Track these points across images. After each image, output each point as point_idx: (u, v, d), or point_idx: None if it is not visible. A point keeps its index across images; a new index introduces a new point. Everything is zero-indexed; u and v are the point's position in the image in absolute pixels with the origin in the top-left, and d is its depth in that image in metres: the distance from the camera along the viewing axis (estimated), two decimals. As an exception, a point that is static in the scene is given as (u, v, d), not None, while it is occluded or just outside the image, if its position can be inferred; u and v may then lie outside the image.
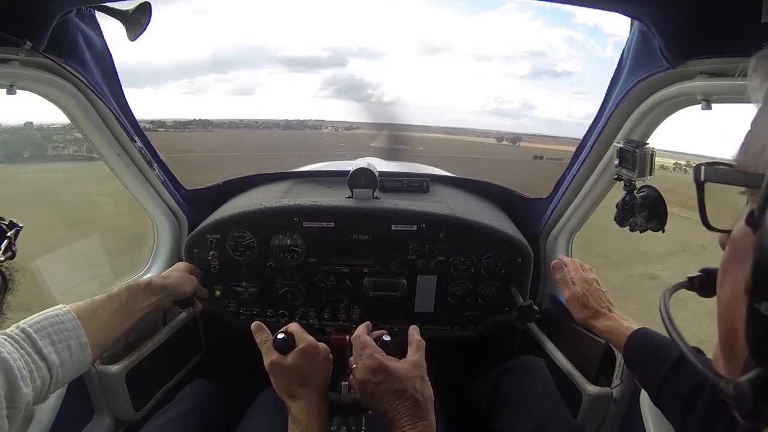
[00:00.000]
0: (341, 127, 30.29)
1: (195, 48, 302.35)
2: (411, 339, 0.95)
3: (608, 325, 1.11)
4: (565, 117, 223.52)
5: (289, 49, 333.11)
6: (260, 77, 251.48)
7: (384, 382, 0.83)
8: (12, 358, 0.75)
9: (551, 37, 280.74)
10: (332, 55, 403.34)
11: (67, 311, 0.91)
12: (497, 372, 1.29)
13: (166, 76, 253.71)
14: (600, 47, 33.15)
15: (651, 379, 0.95)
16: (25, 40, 0.89)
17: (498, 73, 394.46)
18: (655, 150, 0.98)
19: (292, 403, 0.86)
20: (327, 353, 0.93)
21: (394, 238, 1.42)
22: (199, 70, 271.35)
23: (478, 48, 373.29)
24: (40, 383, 0.80)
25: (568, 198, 1.47)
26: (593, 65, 33.73)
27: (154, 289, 1.12)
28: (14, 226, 0.73)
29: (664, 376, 0.91)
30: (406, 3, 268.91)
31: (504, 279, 1.43)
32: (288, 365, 0.87)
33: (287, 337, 0.90)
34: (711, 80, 0.89)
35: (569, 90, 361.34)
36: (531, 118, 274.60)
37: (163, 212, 1.54)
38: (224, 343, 1.58)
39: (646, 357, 0.99)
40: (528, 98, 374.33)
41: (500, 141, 37.08)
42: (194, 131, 22.97)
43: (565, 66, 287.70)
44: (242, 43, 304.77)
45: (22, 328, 0.82)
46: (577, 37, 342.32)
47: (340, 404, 0.95)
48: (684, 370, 0.89)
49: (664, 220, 1.00)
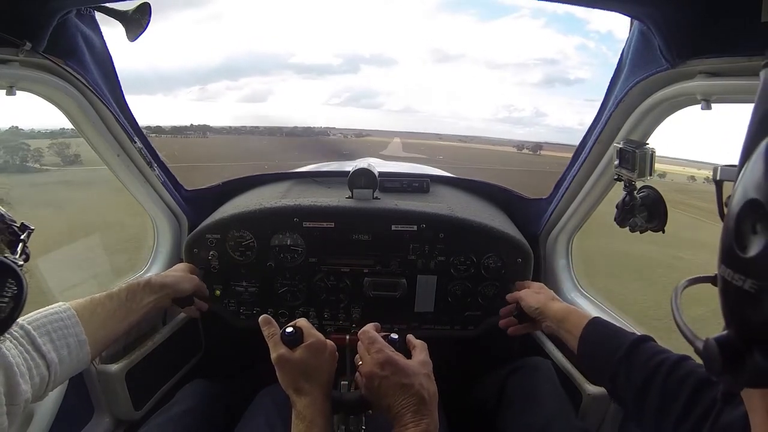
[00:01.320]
0: (351, 134, 30.19)
1: (207, 54, 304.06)
2: (413, 343, 0.96)
3: (564, 308, 1.15)
4: (577, 125, 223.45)
5: (302, 56, 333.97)
6: (272, 84, 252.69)
7: (392, 375, 0.83)
8: (11, 354, 0.75)
9: (564, 44, 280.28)
10: (344, 62, 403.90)
11: (67, 309, 0.92)
12: (504, 372, 1.29)
13: (178, 82, 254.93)
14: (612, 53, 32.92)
15: (604, 367, 0.95)
16: (24, 40, 0.89)
17: (510, 81, 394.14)
18: (654, 150, 0.98)
19: (297, 399, 0.85)
20: (334, 350, 0.94)
21: (394, 238, 1.42)
22: (211, 76, 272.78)
23: (490, 56, 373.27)
24: (39, 380, 0.81)
25: (568, 198, 1.47)
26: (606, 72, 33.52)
27: (153, 287, 1.12)
28: (26, 228, 0.72)
29: (618, 362, 0.92)
30: (418, 10, 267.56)
31: (504, 279, 1.43)
32: (296, 359, 0.87)
33: (296, 331, 0.91)
34: (711, 80, 0.88)
35: (581, 97, 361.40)
36: (543, 126, 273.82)
37: (163, 212, 1.55)
38: (224, 343, 1.58)
39: (600, 345, 1.00)
40: (539, 106, 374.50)
41: (520, 150, 36.90)
42: (189, 137, 22.83)
43: (577, 73, 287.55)
44: (254, 50, 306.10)
45: (21, 325, 0.82)
46: (590, 44, 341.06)
47: (341, 402, 0.95)
48: (638, 357, 0.90)
49: (664, 221, 1.00)
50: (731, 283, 0.36)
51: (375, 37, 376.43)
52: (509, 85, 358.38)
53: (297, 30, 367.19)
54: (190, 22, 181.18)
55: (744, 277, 0.34)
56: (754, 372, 0.34)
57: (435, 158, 25.33)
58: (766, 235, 0.33)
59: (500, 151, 36.29)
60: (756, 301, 0.34)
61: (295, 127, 30.81)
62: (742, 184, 0.37)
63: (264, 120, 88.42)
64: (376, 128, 39.07)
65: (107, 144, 1.27)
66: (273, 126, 33.07)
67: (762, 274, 0.33)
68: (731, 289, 0.36)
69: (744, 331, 0.35)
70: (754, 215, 0.34)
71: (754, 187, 0.35)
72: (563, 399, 1.17)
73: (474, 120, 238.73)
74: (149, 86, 62.36)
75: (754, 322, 0.34)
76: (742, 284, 0.34)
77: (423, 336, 1.51)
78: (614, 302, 1.48)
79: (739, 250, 0.35)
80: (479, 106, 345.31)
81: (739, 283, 0.35)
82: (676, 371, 0.82)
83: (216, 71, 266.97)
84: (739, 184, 0.37)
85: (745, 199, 0.36)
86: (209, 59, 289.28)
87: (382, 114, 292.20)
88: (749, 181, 0.36)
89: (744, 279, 0.34)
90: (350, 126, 59.13)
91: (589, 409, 1.17)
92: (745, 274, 0.34)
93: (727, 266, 0.36)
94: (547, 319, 1.18)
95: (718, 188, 0.50)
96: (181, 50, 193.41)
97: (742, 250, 0.35)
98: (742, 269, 0.35)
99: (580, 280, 1.59)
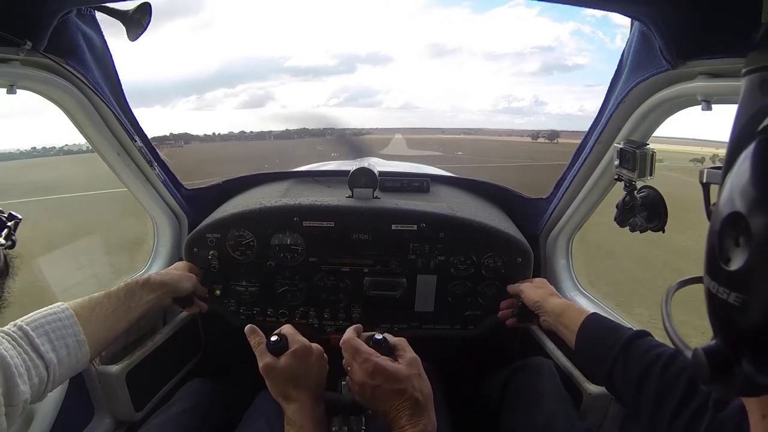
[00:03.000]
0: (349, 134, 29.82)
1: (203, 63, 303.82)
2: (392, 342, 0.91)
3: (562, 303, 1.16)
4: (577, 111, 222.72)
5: (297, 58, 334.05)
6: (269, 89, 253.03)
7: (383, 383, 0.82)
8: (9, 355, 0.75)
9: (560, 32, 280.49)
10: (340, 62, 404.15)
11: (65, 309, 0.91)
12: (507, 372, 1.30)
13: (175, 92, 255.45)
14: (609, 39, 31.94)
15: (602, 362, 0.96)
16: (25, 40, 0.90)
17: (508, 72, 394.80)
18: (655, 150, 0.98)
19: (286, 405, 0.85)
20: (321, 354, 0.92)
21: (395, 237, 1.42)
22: (208, 84, 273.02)
23: (487, 47, 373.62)
24: (38, 381, 0.80)
25: (568, 198, 1.47)
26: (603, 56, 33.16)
27: (152, 285, 1.12)
28: (14, 217, 0.73)
29: (615, 358, 0.92)
30: (412, 6, 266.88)
31: (504, 279, 1.43)
32: (281, 367, 0.87)
33: (280, 339, 0.89)
34: (711, 81, 0.88)
35: (581, 83, 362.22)
36: (543, 114, 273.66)
37: (164, 211, 1.55)
38: (224, 343, 1.58)
39: (597, 340, 1.01)
40: (539, 95, 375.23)
41: (536, 139, 36.25)
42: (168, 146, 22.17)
43: (575, 59, 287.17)
44: (250, 55, 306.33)
45: (19, 326, 0.82)
46: (585, 29, 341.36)
47: (339, 404, 0.94)
48: (634, 352, 0.91)
49: (664, 220, 1.00)
50: (716, 296, 0.35)
51: (370, 36, 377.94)
52: (507, 75, 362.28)
53: (291, 32, 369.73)
54: (185, 31, 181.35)
55: (728, 290, 0.34)
56: (743, 382, 0.34)
57: (452, 154, 24.02)
58: (749, 249, 0.33)
59: (518, 142, 35.42)
60: (741, 314, 0.33)
61: (286, 130, 30.27)
62: (724, 195, 0.37)
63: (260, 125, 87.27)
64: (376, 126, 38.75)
65: (108, 143, 1.27)
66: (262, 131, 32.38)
67: (745, 288, 0.33)
68: (717, 301, 0.35)
69: (731, 341, 0.35)
70: (737, 228, 0.34)
71: (736, 199, 0.35)
72: (565, 399, 1.18)
73: (474, 112, 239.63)
74: (146, 98, 61.77)
75: (741, 333, 0.34)
76: (726, 297, 0.34)
77: (423, 336, 1.50)
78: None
79: (722, 262, 0.35)
80: (478, 99, 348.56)
81: (724, 296, 0.34)
82: (672, 365, 0.83)
83: (212, 79, 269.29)
84: (722, 194, 0.37)
85: (728, 212, 0.35)
86: (205, 67, 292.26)
87: (381, 111, 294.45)
88: (731, 193, 0.36)
89: (728, 292, 0.34)
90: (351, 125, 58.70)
91: (589, 408, 1.17)
92: (729, 287, 0.34)
93: (712, 278, 0.36)
94: (545, 314, 1.19)
95: (705, 191, 0.51)
96: (176, 60, 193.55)
97: (726, 262, 0.35)
98: (726, 282, 0.35)
99: (580, 279, 1.59)
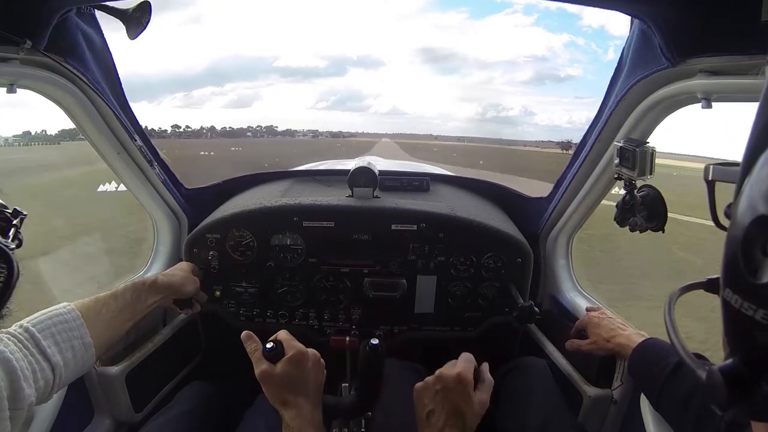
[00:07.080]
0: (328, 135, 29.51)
1: (191, 60, 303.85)
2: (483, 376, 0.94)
3: (618, 343, 1.13)
4: (566, 123, 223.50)
5: (287, 59, 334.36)
6: (257, 89, 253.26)
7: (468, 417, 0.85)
8: (15, 358, 0.74)
9: (554, 42, 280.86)
10: (330, 64, 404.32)
11: (71, 310, 0.90)
12: (500, 372, 1.29)
13: (162, 89, 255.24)
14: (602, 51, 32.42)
15: (652, 385, 0.96)
16: (25, 39, 0.89)
17: (500, 81, 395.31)
18: (655, 149, 0.98)
19: (284, 411, 0.85)
20: (317, 359, 0.91)
21: (394, 237, 1.41)
22: (196, 82, 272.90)
23: (480, 54, 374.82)
24: (43, 384, 0.79)
25: (568, 197, 1.46)
26: (597, 68, 33.17)
27: (159, 288, 1.12)
28: (19, 214, 0.71)
29: (665, 381, 0.92)
30: (407, 10, 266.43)
31: (504, 279, 1.43)
32: (277, 374, 0.86)
33: (276, 345, 0.88)
34: (711, 78, 0.88)
35: (572, 95, 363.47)
36: (530, 125, 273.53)
37: (163, 211, 1.54)
38: (224, 345, 1.57)
39: (649, 364, 1.00)
40: (528, 105, 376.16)
41: (566, 150, 35.79)
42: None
43: (568, 71, 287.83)
44: (239, 54, 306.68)
45: (25, 328, 0.81)
46: (579, 41, 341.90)
47: (338, 407, 0.94)
48: (681, 374, 0.90)
49: (664, 220, 1.00)
50: (740, 311, 0.31)
51: (362, 39, 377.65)
52: (498, 84, 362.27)
53: (282, 32, 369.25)
54: (173, 26, 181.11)
55: (755, 306, 0.30)
56: (762, 405, 0.31)
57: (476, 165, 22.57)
58: None
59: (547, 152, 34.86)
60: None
61: (258, 126, 29.89)
62: (746, 196, 0.32)
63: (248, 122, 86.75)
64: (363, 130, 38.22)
65: (108, 142, 1.27)
66: (232, 128, 31.92)
67: None
68: (738, 317, 0.31)
69: (753, 362, 0.31)
70: (765, 234, 0.30)
71: (762, 200, 0.30)
72: (558, 398, 1.18)
73: (461, 120, 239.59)
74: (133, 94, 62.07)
75: (766, 354, 0.30)
76: (752, 314, 0.30)
77: (423, 338, 1.49)
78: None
79: (748, 274, 0.31)
80: (468, 106, 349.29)
81: (749, 312, 0.30)
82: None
83: (200, 77, 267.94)
84: (743, 195, 0.33)
85: (753, 216, 0.30)
86: (193, 64, 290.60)
87: (368, 116, 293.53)
88: (756, 193, 0.31)
89: (755, 309, 0.30)
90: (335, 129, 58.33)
91: (589, 410, 1.17)
92: (756, 303, 0.30)
93: (734, 291, 0.32)
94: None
95: (710, 189, 0.47)
96: (163, 55, 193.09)
97: (752, 274, 0.30)
98: (753, 297, 0.30)
99: (580, 279, 1.59)
